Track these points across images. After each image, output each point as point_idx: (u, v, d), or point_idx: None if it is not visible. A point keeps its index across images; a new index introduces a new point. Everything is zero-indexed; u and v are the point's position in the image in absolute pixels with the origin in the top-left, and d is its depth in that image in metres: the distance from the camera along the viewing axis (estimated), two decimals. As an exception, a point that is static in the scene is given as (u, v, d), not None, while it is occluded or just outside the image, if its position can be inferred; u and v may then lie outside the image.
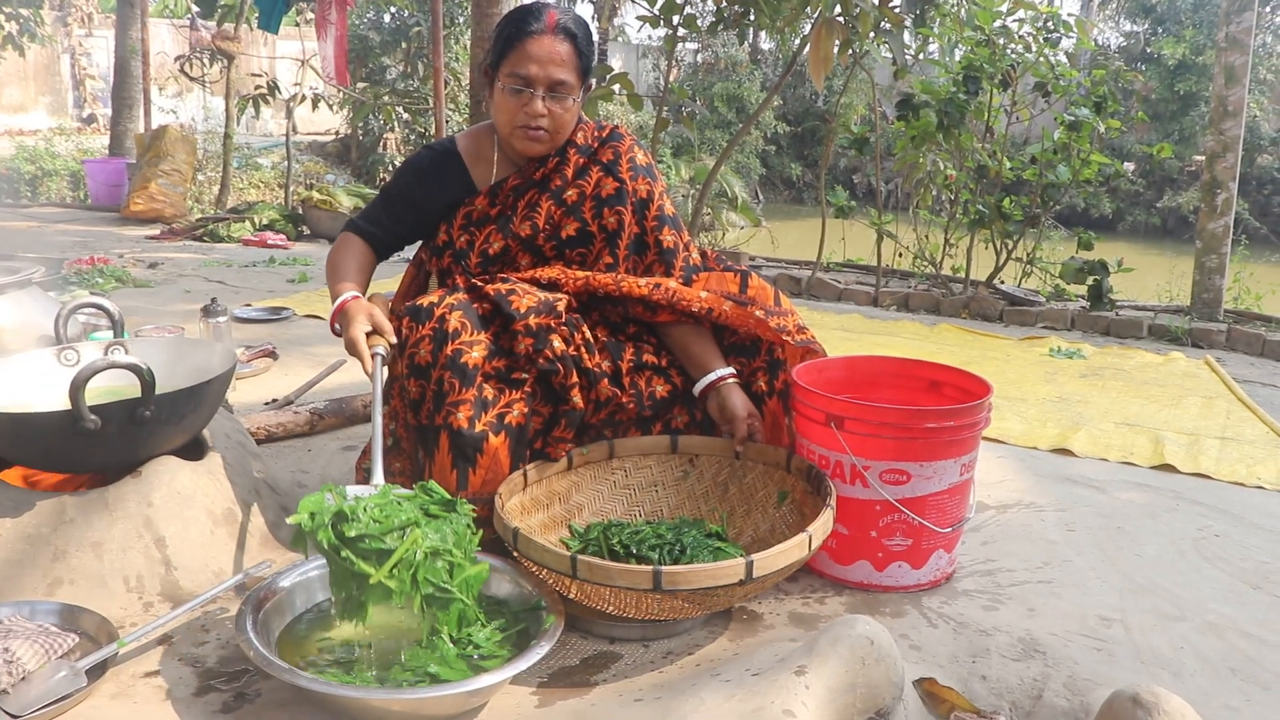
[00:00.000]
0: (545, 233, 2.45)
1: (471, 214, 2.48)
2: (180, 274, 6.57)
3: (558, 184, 2.45)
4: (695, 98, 17.69)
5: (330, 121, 15.34)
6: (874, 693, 1.71)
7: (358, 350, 2.19)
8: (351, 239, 2.53)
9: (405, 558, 1.79)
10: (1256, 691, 1.98)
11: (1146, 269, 7.97)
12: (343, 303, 2.31)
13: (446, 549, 1.83)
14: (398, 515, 1.83)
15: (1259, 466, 3.46)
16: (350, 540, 1.79)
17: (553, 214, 2.44)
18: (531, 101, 2.32)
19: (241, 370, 3.85)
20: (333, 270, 2.46)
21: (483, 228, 2.47)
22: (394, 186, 2.56)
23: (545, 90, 2.32)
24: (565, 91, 2.34)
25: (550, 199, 2.44)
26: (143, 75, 10.97)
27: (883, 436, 2.24)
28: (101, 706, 1.72)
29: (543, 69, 2.30)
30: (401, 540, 1.80)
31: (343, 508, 1.81)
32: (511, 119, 2.36)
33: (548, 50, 2.30)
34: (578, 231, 2.45)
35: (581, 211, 2.45)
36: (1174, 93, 18.37)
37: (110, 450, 2.10)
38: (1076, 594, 2.36)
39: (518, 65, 2.31)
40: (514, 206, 2.46)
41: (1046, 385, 4.62)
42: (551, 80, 2.32)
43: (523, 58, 2.31)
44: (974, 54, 6.55)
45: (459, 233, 2.48)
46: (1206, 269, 6.28)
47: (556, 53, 2.31)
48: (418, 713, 1.70)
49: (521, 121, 2.35)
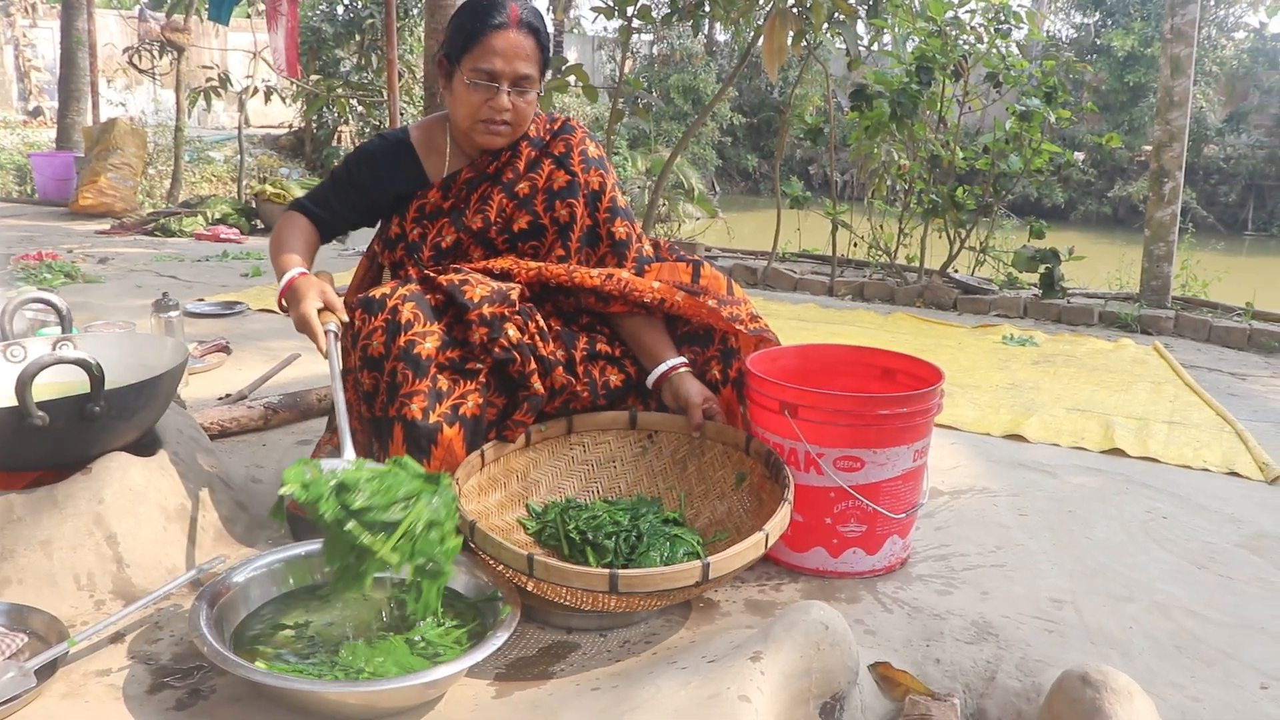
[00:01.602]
0: (497, 226, 2.44)
1: (424, 207, 2.46)
2: (131, 269, 6.48)
3: (509, 177, 2.44)
4: (651, 89, 17.69)
5: (283, 114, 15.15)
6: (829, 677, 1.73)
7: (310, 327, 2.15)
8: (297, 217, 2.48)
9: (409, 530, 1.78)
10: (1201, 668, 2.02)
11: (1098, 257, 8.07)
12: (291, 279, 2.27)
13: (440, 521, 1.82)
14: (400, 487, 1.81)
15: (1205, 450, 3.52)
16: (356, 512, 1.77)
17: (504, 207, 2.43)
18: (496, 96, 2.31)
19: (194, 365, 3.81)
20: (278, 246, 2.39)
21: (435, 221, 2.45)
22: (345, 173, 2.51)
23: (510, 84, 2.31)
24: (529, 85, 2.33)
25: (502, 192, 2.43)
26: (90, 67, 10.78)
27: (837, 424, 2.26)
28: (51, 707, 1.70)
29: (508, 64, 2.29)
30: (408, 511, 1.79)
31: (343, 479, 1.79)
32: (474, 113, 2.34)
33: (513, 45, 2.29)
34: (530, 224, 2.44)
35: (533, 204, 2.44)
36: (1124, 84, 18.63)
37: (59, 447, 2.07)
38: (1028, 577, 2.39)
39: (481, 60, 2.29)
40: (467, 200, 2.45)
41: (999, 372, 4.67)
42: (516, 75, 2.31)
43: (487, 52, 2.29)
44: (926, 45, 6.58)
45: (411, 226, 2.46)
46: (1155, 257, 6.37)
47: (521, 47, 2.30)
48: (373, 705, 1.69)
49: (485, 116, 2.34)
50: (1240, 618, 2.25)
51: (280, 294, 2.28)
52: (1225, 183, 18.28)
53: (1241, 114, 19.05)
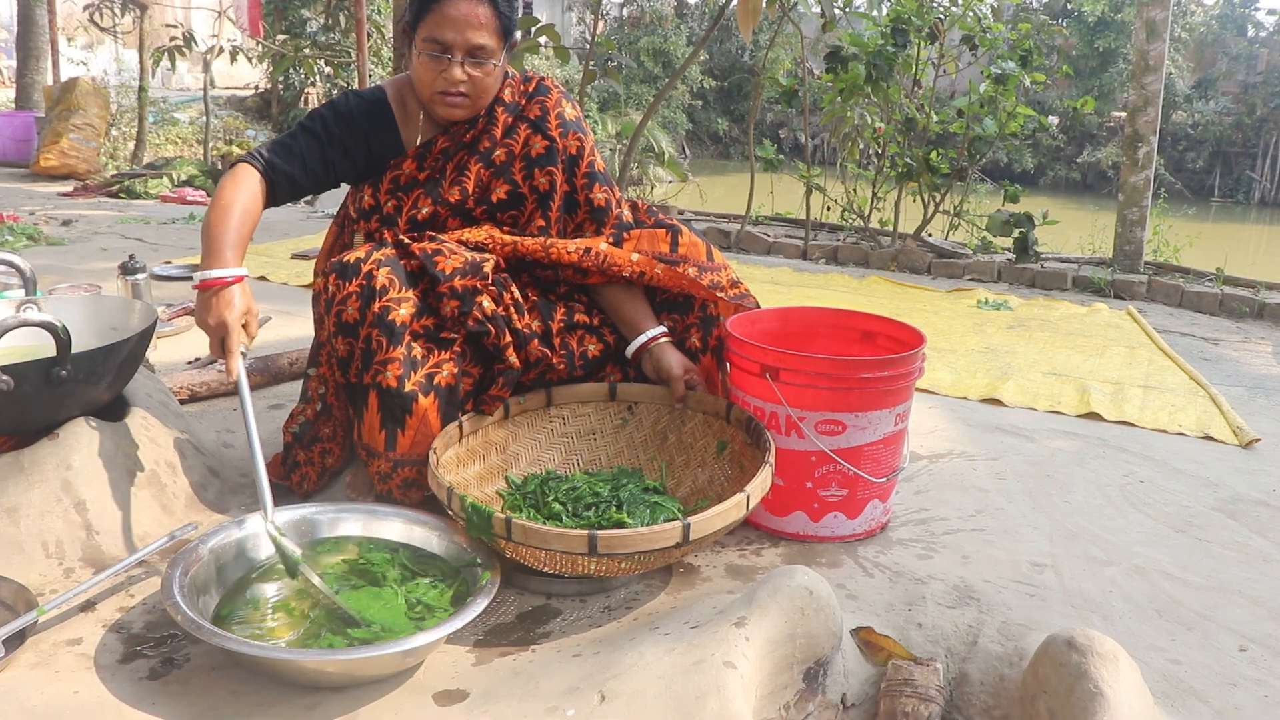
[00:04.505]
0: (475, 196, 2.36)
1: (399, 178, 2.37)
2: (95, 231, 6.37)
3: (486, 145, 2.36)
4: (621, 51, 17.54)
5: (250, 75, 14.94)
6: (813, 643, 1.71)
7: (228, 342, 2.01)
8: (251, 177, 2.23)
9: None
10: (1181, 631, 2.02)
11: (1068, 222, 8.09)
12: (226, 280, 2.06)
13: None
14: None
15: (1180, 414, 3.54)
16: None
17: (481, 176, 2.36)
18: (450, 68, 2.21)
19: (162, 329, 3.74)
20: (220, 219, 2.13)
21: (410, 192, 2.36)
22: (322, 129, 2.34)
23: (464, 55, 2.22)
24: (485, 56, 2.23)
25: (479, 161, 2.35)
26: (49, 25, 10.57)
27: (818, 387, 2.24)
28: (20, 677, 1.66)
29: (460, 34, 2.19)
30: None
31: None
32: (430, 84, 2.25)
33: (465, 13, 2.18)
34: (508, 194, 2.37)
35: (511, 173, 2.37)
36: (1094, 49, 18.68)
37: (25, 411, 2.02)
38: (1008, 541, 2.39)
39: (435, 29, 2.20)
40: (443, 170, 2.36)
41: (975, 336, 4.67)
42: (470, 45, 2.21)
43: (440, 21, 2.19)
44: (901, 6, 6.54)
45: (386, 197, 2.37)
46: (1128, 221, 6.39)
47: (475, 15, 2.19)
48: (352, 673, 1.67)
49: (440, 87, 2.25)
50: (1218, 581, 2.26)
51: (204, 285, 2.06)
52: (1193, 149, 18.40)
53: (1209, 80, 19.15)
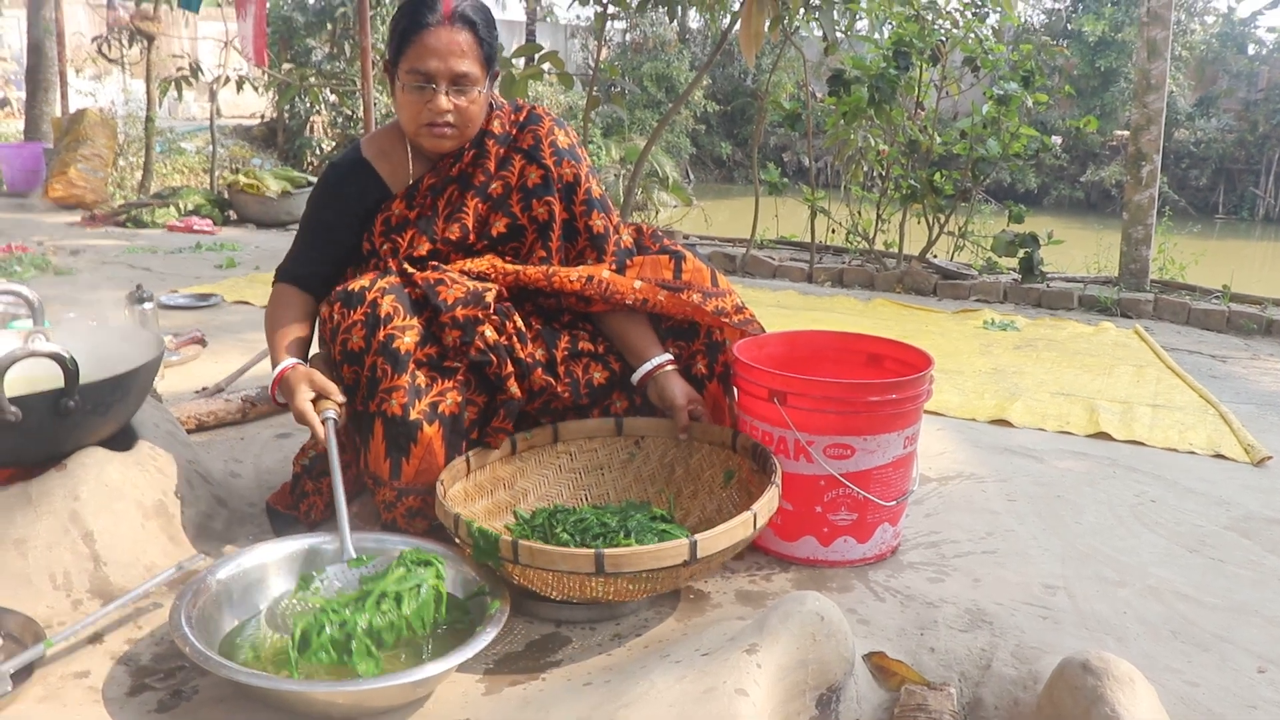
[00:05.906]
0: (475, 231, 2.35)
1: (389, 219, 2.35)
2: (103, 261, 6.39)
3: (481, 180, 2.35)
4: (625, 77, 17.61)
5: (255, 104, 14.98)
6: (825, 669, 1.70)
7: (307, 420, 2.08)
8: (285, 291, 2.37)
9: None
10: (1196, 653, 2.00)
11: (1072, 242, 8.09)
12: (281, 373, 2.18)
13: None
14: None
15: (1190, 432, 3.52)
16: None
17: (479, 211, 2.34)
18: (434, 98, 2.21)
19: (169, 358, 3.75)
20: (269, 332, 2.31)
21: (403, 232, 2.34)
22: (311, 217, 2.41)
23: (447, 84, 2.21)
24: (469, 84, 2.22)
25: (475, 196, 2.34)
26: (58, 57, 10.62)
27: (826, 411, 2.23)
28: (28, 711, 1.65)
29: (443, 62, 2.19)
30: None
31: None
32: (415, 117, 2.25)
33: (446, 42, 2.18)
34: (508, 227, 2.36)
35: (509, 205, 2.36)
36: (1095, 69, 18.71)
37: (33, 443, 2.02)
38: (1020, 563, 2.37)
39: (416, 61, 2.19)
40: (433, 206, 2.35)
41: (982, 357, 4.66)
42: (453, 73, 2.20)
43: (421, 52, 2.18)
44: (903, 29, 6.57)
45: (380, 240, 2.35)
46: (1133, 240, 6.38)
47: (456, 44, 2.19)
48: (361, 705, 1.66)
49: (426, 119, 2.24)
50: (1233, 601, 2.24)
51: (272, 388, 2.20)
52: (1196, 166, 18.39)
53: (1211, 98, 19.16)
